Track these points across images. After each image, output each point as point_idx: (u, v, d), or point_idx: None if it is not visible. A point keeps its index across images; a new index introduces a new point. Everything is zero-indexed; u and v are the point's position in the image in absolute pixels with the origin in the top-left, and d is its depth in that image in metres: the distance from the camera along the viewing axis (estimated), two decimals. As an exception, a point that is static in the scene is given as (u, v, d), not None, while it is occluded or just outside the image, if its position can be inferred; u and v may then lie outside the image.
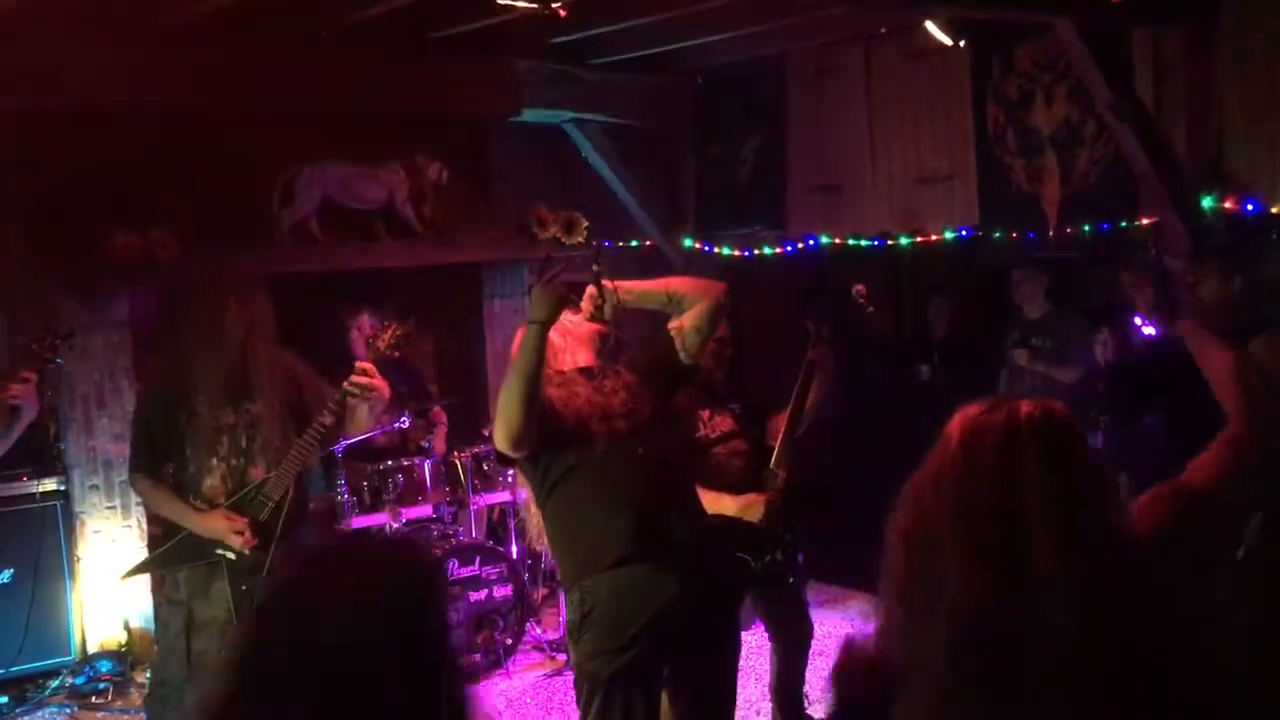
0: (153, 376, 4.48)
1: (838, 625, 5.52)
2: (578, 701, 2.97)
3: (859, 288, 4.68)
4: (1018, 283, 5.73)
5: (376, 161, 5.89)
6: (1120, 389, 4.37)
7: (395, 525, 5.12)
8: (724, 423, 3.92)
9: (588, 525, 2.97)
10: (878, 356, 6.50)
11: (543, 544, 3.37)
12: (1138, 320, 5.09)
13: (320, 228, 5.72)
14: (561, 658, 5.20)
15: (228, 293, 3.52)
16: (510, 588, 5.12)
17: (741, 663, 5.03)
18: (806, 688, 4.33)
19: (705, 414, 3.91)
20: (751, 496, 3.74)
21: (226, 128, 5.37)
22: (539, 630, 5.41)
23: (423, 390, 6.14)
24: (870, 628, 4.02)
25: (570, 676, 4.97)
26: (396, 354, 3.63)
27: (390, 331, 3.62)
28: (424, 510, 5.35)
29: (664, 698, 3.05)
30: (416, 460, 5.38)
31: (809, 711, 4.35)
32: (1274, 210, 4.52)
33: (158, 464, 3.57)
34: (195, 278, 3.77)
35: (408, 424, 5.42)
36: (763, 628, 4.36)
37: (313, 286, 5.40)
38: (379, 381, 3.51)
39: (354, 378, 3.48)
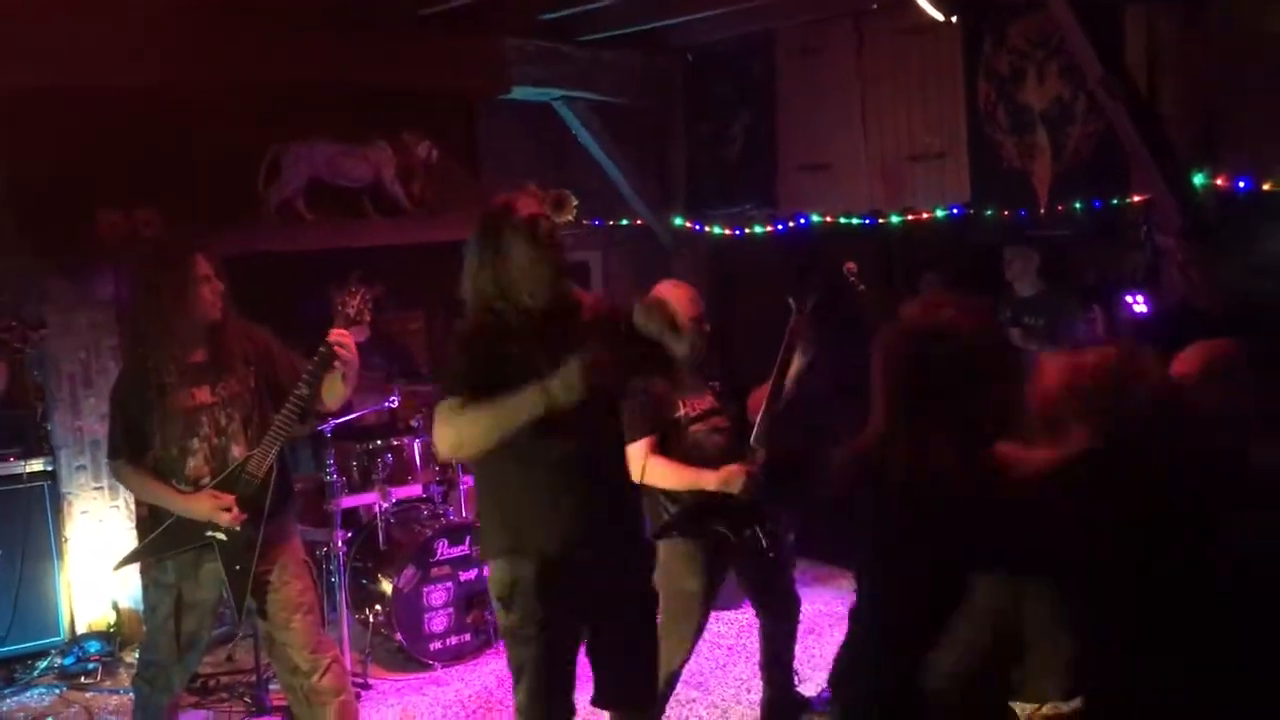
0: (126, 357, 4.44)
1: (829, 603, 5.53)
2: (509, 665, 3.07)
3: (850, 265, 4.66)
4: (1009, 261, 5.72)
5: (364, 140, 5.86)
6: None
7: (384, 505, 5.10)
8: (704, 400, 3.93)
9: (524, 507, 2.99)
10: (870, 335, 6.47)
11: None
12: (1129, 299, 5.09)
13: (308, 206, 5.69)
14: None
15: (193, 259, 3.48)
16: (500, 567, 5.10)
17: (732, 640, 5.10)
18: (796, 664, 4.35)
19: (684, 393, 3.91)
20: (732, 468, 3.76)
21: (213, 106, 5.33)
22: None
23: (412, 368, 6.12)
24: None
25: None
26: (367, 319, 3.59)
27: (359, 296, 3.59)
28: (413, 490, 5.34)
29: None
30: (406, 439, 5.37)
31: (799, 689, 4.37)
32: (1266, 188, 4.51)
33: (137, 449, 3.52)
34: (165, 250, 3.72)
35: (397, 403, 5.40)
36: (750, 606, 4.36)
37: (300, 265, 5.37)
38: (351, 348, 3.49)
39: (328, 339, 3.46)
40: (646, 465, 3.72)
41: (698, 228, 7.06)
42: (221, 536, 3.47)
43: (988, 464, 2.22)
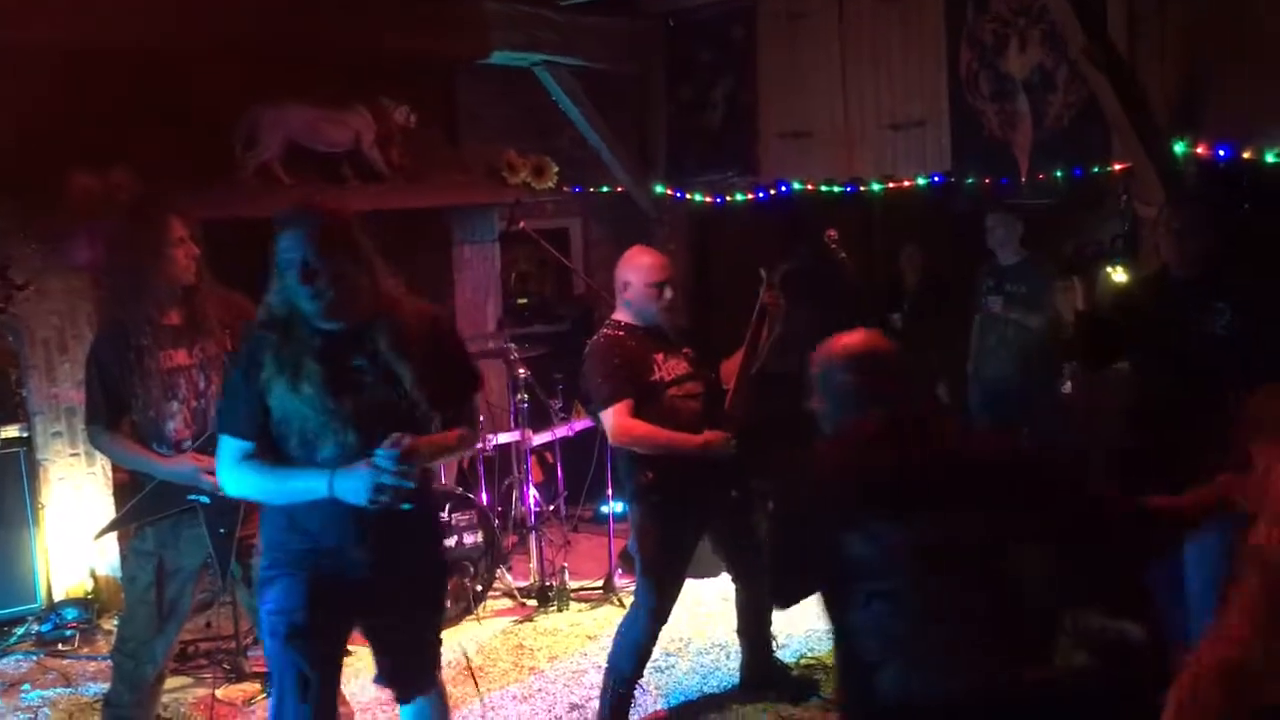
0: (101, 320, 4.39)
1: (807, 570, 5.56)
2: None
3: (831, 233, 4.66)
4: (991, 229, 5.72)
5: (343, 105, 5.80)
6: (1091, 337, 4.37)
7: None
8: (678, 366, 3.94)
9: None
10: (850, 303, 6.47)
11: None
12: (1109, 269, 5.10)
13: (286, 171, 5.63)
14: (532, 604, 5.22)
15: (168, 222, 3.44)
16: (480, 535, 5.11)
17: (710, 607, 5.12)
18: (774, 630, 4.38)
19: (659, 357, 3.93)
20: (710, 434, 3.79)
21: (190, 69, 5.26)
22: (509, 577, 5.42)
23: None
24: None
25: (539, 623, 5.03)
26: None
27: None
28: (393, 457, 5.31)
29: None
30: (385, 407, 5.34)
31: (778, 654, 4.40)
32: (1246, 156, 4.52)
33: (115, 414, 3.47)
34: (140, 212, 3.68)
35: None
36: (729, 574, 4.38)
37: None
38: None
39: None
40: (626, 427, 3.75)
41: (678, 195, 7.04)
42: (205, 499, 3.44)
43: None
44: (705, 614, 5.08)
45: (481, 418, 5.50)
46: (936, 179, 5.76)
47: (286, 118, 5.60)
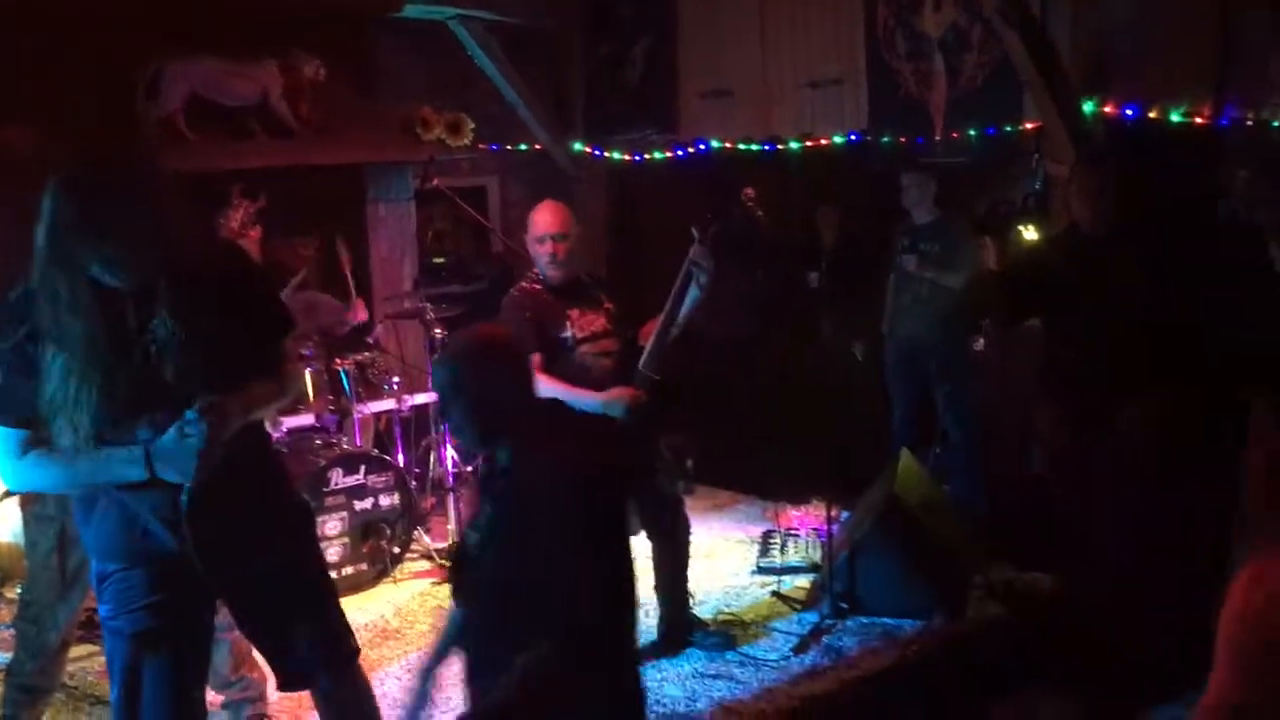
0: None
1: (727, 529, 5.60)
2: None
3: (748, 191, 4.65)
4: (906, 188, 5.76)
5: (250, 57, 5.63)
6: (1003, 295, 4.45)
7: (275, 435, 4.99)
8: (595, 322, 3.94)
9: None
10: (768, 262, 6.51)
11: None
12: (1021, 227, 5.17)
13: (189, 125, 5.46)
14: (449, 564, 5.18)
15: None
16: (397, 496, 5.05)
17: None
18: (691, 586, 4.41)
19: (573, 313, 3.92)
20: (615, 390, 3.79)
21: (89, 19, 5.06)
22: (428, 538, 5.37)
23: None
24: (755, 529, 4.00)
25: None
26: (251, 233, 3.48)
27: (242, 210, 3.48)
28: (306, 419, 5.23)
29: None
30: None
31: (694, 610, 4.43)
32: (1152, 116, 4.60)
33: None
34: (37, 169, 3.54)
35: (310, 355, 5.19)
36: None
37: (183, 186, 5.16)
38: None
39: None
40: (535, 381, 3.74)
41: (597, 153, 6.97)
42: None
43: None
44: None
45: (397, 378, 5.47)
46: (854, 138, 5.77)
47: (191, 70, 5.42)
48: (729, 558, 5.20)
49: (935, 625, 4.27)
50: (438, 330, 5.35)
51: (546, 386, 3.75)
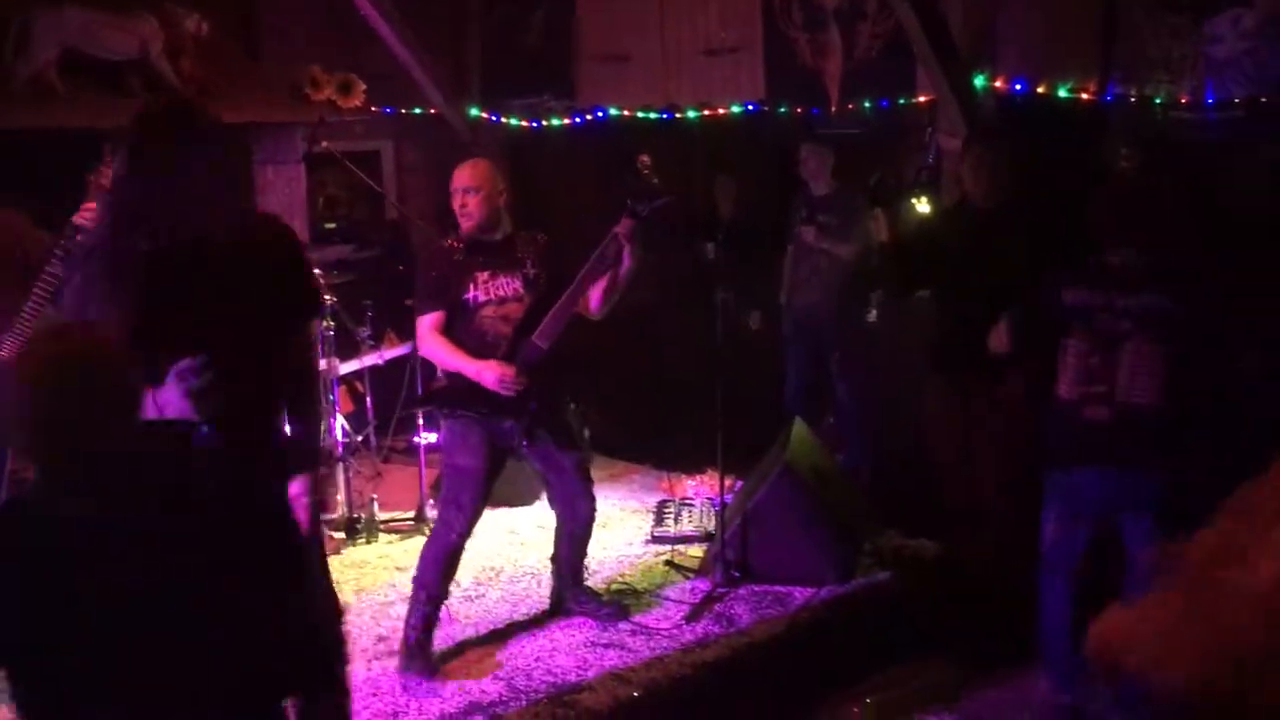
0: None
1: (623, 499, 5.60)
2: None
3: (644, 158, 4.61)
4: (804, 159, 5.78)
5: (127, 9, 5.38)
6: (894, 267, 4.49)
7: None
8: (507, 285, 3.90)
9: None
10: (664, 232, 6.47)
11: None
12: (913, 200, 5.22)
13: (63, 80, 5.20)
14: (340, 537, 5.07)
15: None
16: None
17: (524, 535, 5.09)
18: (588, 559, 4.39)
19: (482, 275, 3.86)
20: (488, 364, 3.77)
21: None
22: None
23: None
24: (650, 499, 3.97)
25: (346, 555, 4.89)
26: None
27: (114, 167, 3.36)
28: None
29: None
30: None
31: (588, 581, 4.41)
32: (1040, 91, 4.68)
33: None
34: None
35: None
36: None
37: (57, 144, 4.92)
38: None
39: (79, 214, 3.29)
40: (421, 339, 3.86)
41: (494, 118, 6.86)
42: None
43: None
44: (520, 542, 5.05)
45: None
46: (751, 108, 5.77)
47: (63, 22, 5.15)
48: (623, 527, 5.20)
49: (825, 592, 4.32)
50: (327, 297, 5.21)
51: (430, 348, 3.86)
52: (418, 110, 6.95)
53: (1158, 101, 4.48)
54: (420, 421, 5.28)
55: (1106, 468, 3.42)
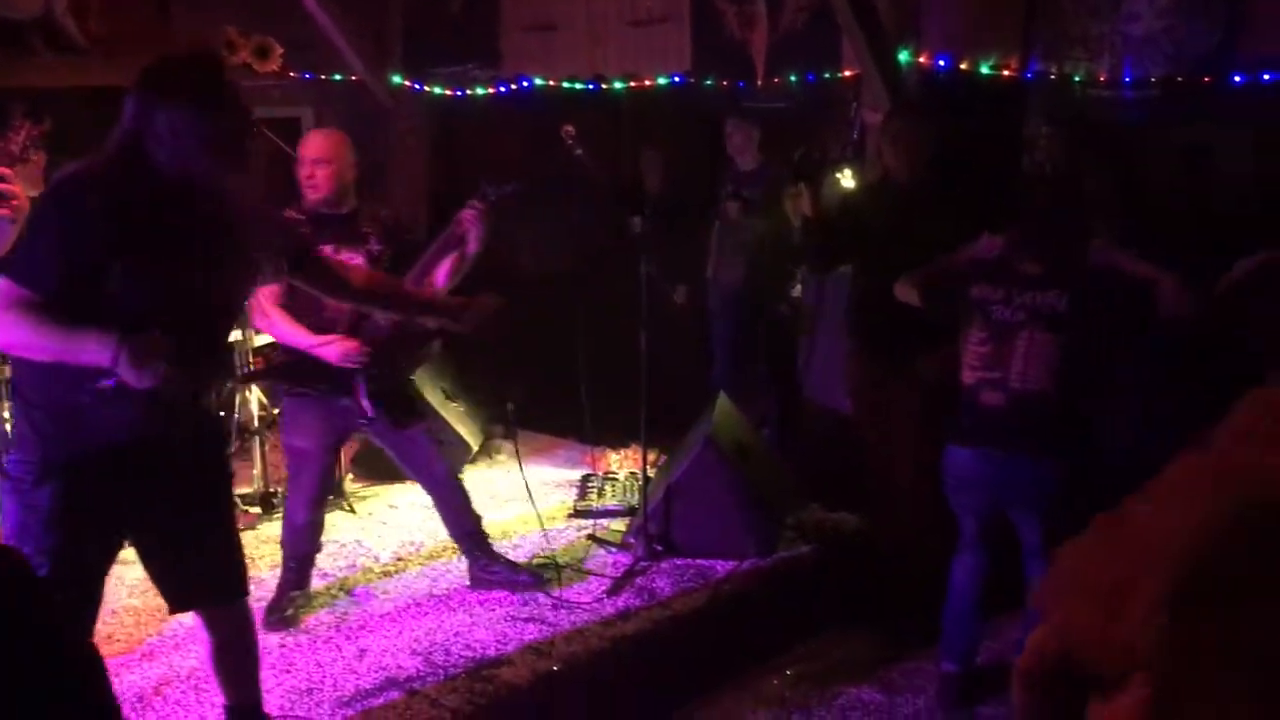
0: None
1: (545, 472, 5.56)
2: None
3: (568, 128, 4.55)
4: (730, 134, 5.77)
5: (30, -35, 5.18)
6: (815, 242, 4.49)
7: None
8: (349, 259, 3.83)
9: None
10: (589, 204, 6.42)
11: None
12: (837, 175, 5.23)
13: (-39, 38, 5.00)
14: (255, 512, 4.96)
15: None
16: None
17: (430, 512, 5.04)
18: (507, 529, 4.35)
19: (329, 249, 3.80)
20: (331, 339, 3.75)
21: None
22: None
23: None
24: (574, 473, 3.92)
25: (261, 530, 4.79)
26: (34, 158, 3.27)
27: (24, 132, 3.26)
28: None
29: None
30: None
31: (511, 556, 4.37)
32: (963, 67, 4.70)
33: None
34: None
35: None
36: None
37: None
38: (15, 188, 3.16)
39: None
40: (261, 311, 3.78)
41: (417, 87, 6.73)
42: None
43: None
44: (439, 517, 4.97)
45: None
46: (677, 79, 5.72)
47: (-40, -23, 4.95)
48: (546, 501, 5.16)
49: (747, 565, 4.33)
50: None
51: (269, 322, 3.80)
52: (338, 77, 6.79)
53: (1077, 79, 4.52)
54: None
55: (995, 450, 3.51)
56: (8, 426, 3.63)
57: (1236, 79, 4.10)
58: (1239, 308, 2.18)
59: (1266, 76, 4.05)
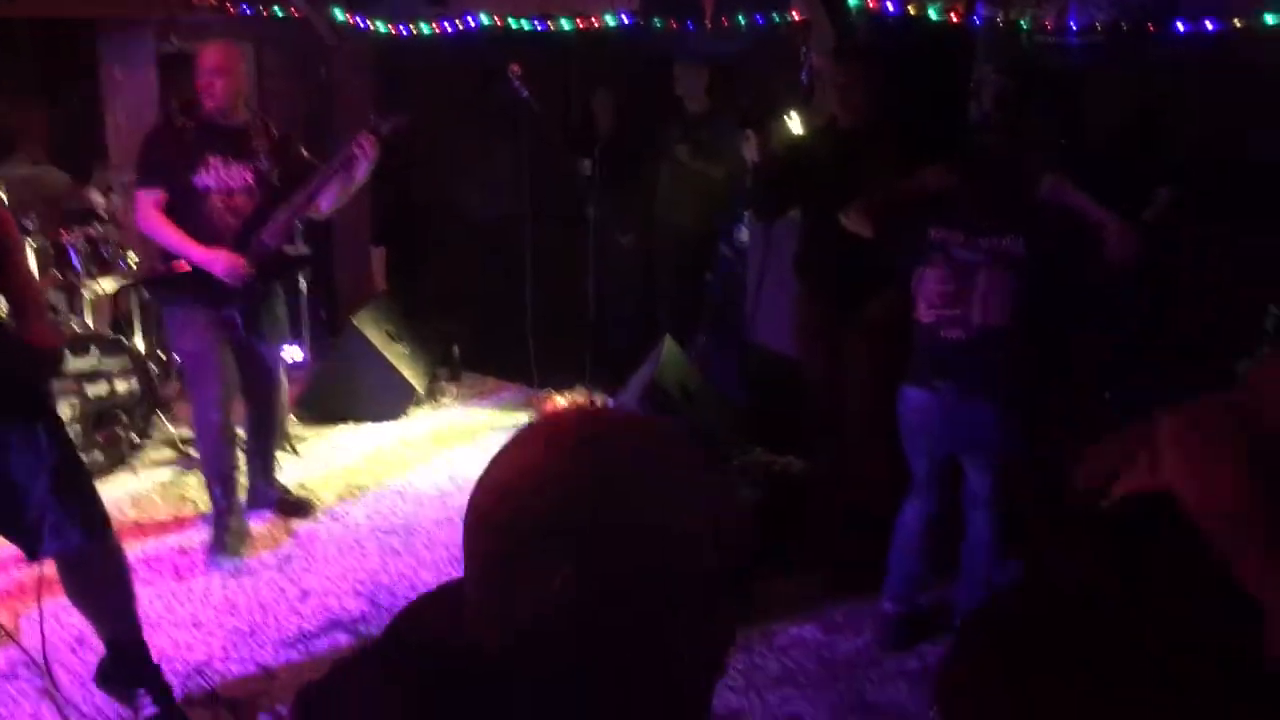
0: None
1: (491, 415, 5.56)
2: None
3: (515, 67, 4.50)
4: (679, 77, 5.71)
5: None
6: (762, 187, 4.48)
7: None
8: (238, 176, 3.87)
9: None
10: (536, 143, 6.35)
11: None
12: (786, 119, 5.21)
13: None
14: (196, 455, 4.91)
15: None
16: (135, 381, 4.72)
17: (390, 452, 5.01)
18: (451, 471, 4.35)
19: (215, 160, 3.84)
20: (219, 253, 3.78)
21: None
22: (170, 425, 5.06)
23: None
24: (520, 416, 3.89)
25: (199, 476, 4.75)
26: None
27: None
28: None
29: None
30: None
31: (455, 500, 4.38)
32: (911, 11, 4.68)
33: None
34: None
35: (32, 227, 4.74)
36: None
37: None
38: None
39: None
40: (142, 217, 3.82)
41: (361, 24, 6.59)
42: None
43: None
44: (383, 459, 4.98)
45: (135, 255, 5.07)
46: (626, 19, 5.65)
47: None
48: (492, 444, 5.11)
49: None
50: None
51: (153, 227, 3.82)
52: (279, 12, 6.62)
53: (1023, 26, 4.53)
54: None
55: (952, 387, 3.54)
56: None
57: (1180, 26, 4.13)
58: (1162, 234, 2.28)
59: (1209, 24, 4.09)
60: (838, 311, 4.35)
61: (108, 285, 4.89)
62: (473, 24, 6.14)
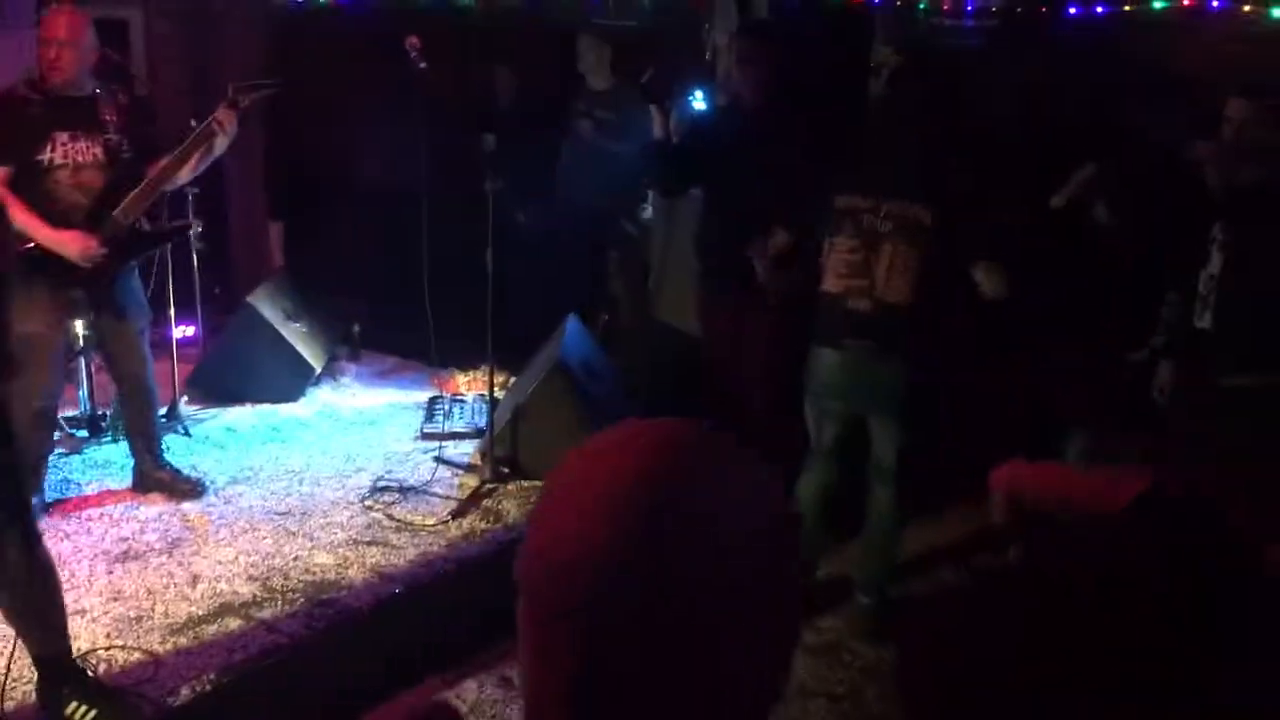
0: None
1: (392, 395, 5.47)
2: None
3: (413, 40, 4.41)
4: (582, 53, 5.65)
5: None
6: (666, 164, 4.47)
7: None
8: (87, 151, 3.74)
9: None
10: (434, 118, 6.25)
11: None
12: (689, 97, 5.20)
13: None
14: (82, 436, 4.74)
15: None
16: (15, 361, 4.54)
17: (286, 433, 4.91)
18: (353, 452, 4.28)
19: (61, 136, 3.70)
20: (71, 234, 3.68)
21: None
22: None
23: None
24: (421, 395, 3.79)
25: (89, 455, 4.59)
26: None
27: None
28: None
29: None
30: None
31: (355, 480, 4.30)
32: (812, -9, 4.71)
33: None
34: None
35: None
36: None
37: None
38: None
39: None
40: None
41: (255, -8, 6.40)
42: None
43: None
44: (281, 440, 4.86)
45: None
46: (527, -9, 5.58)
47: None
48: (393, 424, 5.08)
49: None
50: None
51: (4, 203, 3.66)
52: (168, -22, 6.40)
53: (921, 7, 4.58)
54: (172, 314, 4.95)
55: (861, 346, 3.58)
56: None
57: (1071, 10, 4.21)
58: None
59: (1099, 9, 4.18)
60: (739, 289, 4.36)
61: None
62: (371, -5, 6.00)
